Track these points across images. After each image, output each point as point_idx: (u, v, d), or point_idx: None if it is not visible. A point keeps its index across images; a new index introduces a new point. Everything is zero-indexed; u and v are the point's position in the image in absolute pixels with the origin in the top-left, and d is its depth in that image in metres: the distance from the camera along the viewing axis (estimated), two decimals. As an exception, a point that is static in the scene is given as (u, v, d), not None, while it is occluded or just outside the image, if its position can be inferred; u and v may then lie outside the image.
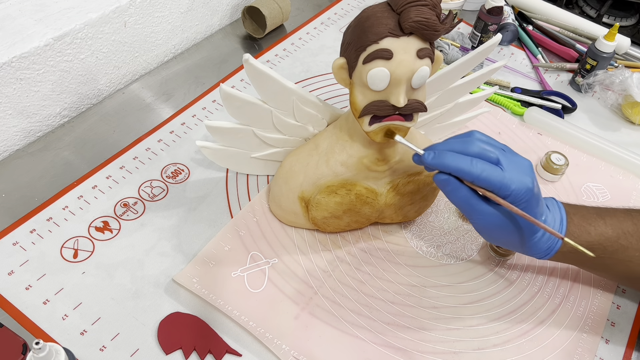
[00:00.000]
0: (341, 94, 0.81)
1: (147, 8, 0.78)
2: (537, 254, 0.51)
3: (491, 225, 0.48)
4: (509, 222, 0.48)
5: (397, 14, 0.46)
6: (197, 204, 0.65)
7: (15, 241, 0.59)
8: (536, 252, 0.51)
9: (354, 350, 0.54)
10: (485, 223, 0.48)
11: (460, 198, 0.47)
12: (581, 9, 1.28)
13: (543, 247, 0.51)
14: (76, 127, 0.74)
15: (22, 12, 0.70)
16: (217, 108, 0.77)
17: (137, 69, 0.82)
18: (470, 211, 0.48)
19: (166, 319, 0.54)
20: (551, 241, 0.51)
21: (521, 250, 0.51)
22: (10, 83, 0.65)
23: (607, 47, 0.82)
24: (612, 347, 0.57)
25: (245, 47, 0.90)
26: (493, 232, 0.49)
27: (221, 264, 0.58)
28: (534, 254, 0.51)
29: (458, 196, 0.47)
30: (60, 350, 0.43)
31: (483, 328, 0.57)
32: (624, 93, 0.83)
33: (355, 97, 0.50)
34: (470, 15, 1.02)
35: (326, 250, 0.62)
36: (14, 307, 0.54)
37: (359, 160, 0.55)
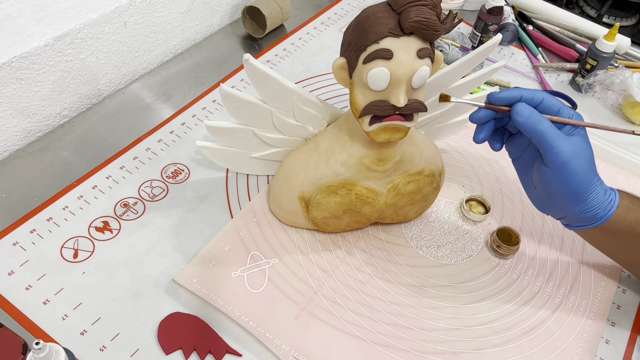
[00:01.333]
0: (341, 94, 0.81)
1: (147, 8, 0.78)
2: (593, 208, 0.50)
3: (561, 160, 0.47)
4: (581, 157, 0.48)
5: (397, 13, 0.46)
6: (197, 204, 0.65)
7: (15, 241, 0.59)
8: (593, 207, 0.50)
9: (354, 350, 0.54)
10: (557, 157, 0.47)
11: (543, 127, 0.47)
12: (581, 9, 1.28)
13: (603, 199, 0.50)
14: (76, 127, 0.74)
15: (22, 12, 0.70)
16: (217, 108, 0.77)
17: (137, 69, 0.82)
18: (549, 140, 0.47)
19: (166, 319, 0.54)
20: (611, 200, 0.51)
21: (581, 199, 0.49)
22: (10, 83, 0.65)
23: (607, 47, 0.82)
24: (612, 347, 0.57)
25: (245, 47, 0.90)
26: (563, 169, 0.48)
27: (221, 264, 0.58)
28: (592, 208, 0.50)
29: (542, 126, 0.47)
30: (60, 350, 0.43)
31: (483, 328, 0.57)
32: (624, 93, 0.83)
33: (355, 97, 0.50)
34: (470, 15, 1.02)
35: (326, 250, 0.62)
36: (14, 307, 0.54)
37: (359, 160, 0.55)
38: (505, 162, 0.74)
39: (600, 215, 0.51)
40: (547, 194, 0.50)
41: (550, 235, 0.66)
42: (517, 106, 0.47)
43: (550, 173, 0.48)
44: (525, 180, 0.54)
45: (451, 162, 0.73)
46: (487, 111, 0.50)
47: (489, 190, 0.71)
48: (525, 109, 0.47)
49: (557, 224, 0.67)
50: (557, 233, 0.67)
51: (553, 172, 0.48)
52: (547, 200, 0.52)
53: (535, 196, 0.54)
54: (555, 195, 0.50)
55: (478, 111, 0.50)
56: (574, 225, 0.53)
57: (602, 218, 0.51)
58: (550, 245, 0.65)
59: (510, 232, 0.63)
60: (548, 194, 0.50)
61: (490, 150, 0.55)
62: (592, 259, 0.64)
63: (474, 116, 0.50)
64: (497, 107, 0.49)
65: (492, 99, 0.49)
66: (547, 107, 0.48)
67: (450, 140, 0.76)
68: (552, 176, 0.48)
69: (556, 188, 0.49)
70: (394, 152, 0.56)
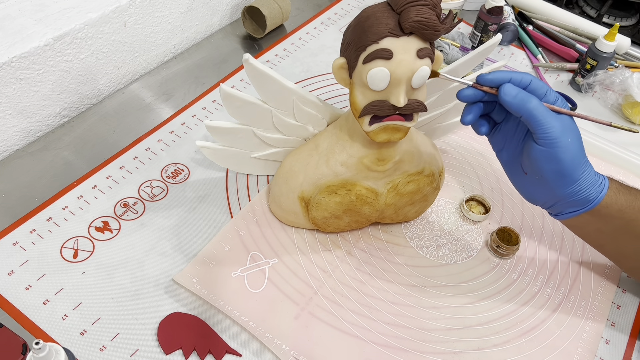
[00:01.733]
0: (341, 94, 0.81)
1: (147, 8, 0.78)
2: (585, 189, 0.50)
3: (552, 135, 0.47)
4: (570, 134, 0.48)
5: (397, 13, 0.46)
6: (197, 204, 0.65)
7: (15, 241, 0.59)
8: (585, 187, 0.50)
9: (354, 350, 0.54)
10: (549, 133, 0.47)
11: (532, 105, 0.47)
12: (581, 9, 1.28)
13: (594, 180, 0.50)
14: (76, 127, 0.74)
15: (22, 12, 0.70)
16: (217, 108, 0.77)
17: (137, 69, 0.82)
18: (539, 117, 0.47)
19: (166, 319, 0.54)
20: (602, 182, 0.51)
21: (573, 178, 0.50)
22: (10, 83, 0.65)
23: (607, 47, 0.82)
24: (612, 347, 0.57)
25: (245, 47, 0.90)
26: (555, 144, 0.48)
27: (221, 264, 0.58)
28: (584, 189, 0.50)
29: (530, 104, 0.47)
30: (60, 350, 0.43)
31: (483, 328, 0.57)
32: (624, 93, 0.83)
33: (355, 97, 0.50)
34: (470, 15, 1.02)
35: (326, 250, 0.62)
36: (14, 307, 0.54)
37: (359, 160, 0.55)
38: (505, 162, 0.74)
39: (593, 197, 0.50)
40: (539, 176, 0.50)
41: (550, 236, 0.66)
42: (505, 86, 0.47)
43: (542, 151, 0.48)
44: (513, 169, 0.54)
45: (451, 162, 0.73)
46: (474, 92, 0.50)
47: (489, 190, 0.71)
48: (512, 89, 0.47)
49: (557, 223, 0.67)
50: (557, 233, 0.67)
51: (545, 150, 0.48)
52: (538, 185, 0.51)
53: (524, 184, 0.53)
54: (548, 176, 0.49)
55: (466, 88, 0.50)
56: (565, 213, 0.53)
57: (595, 200, 0.51)
58: (550, 246, 0.65)
59: (510, 232, 0.63)
60: (540, 177, 0.50)
61: (490, 151, 0.55)
62: (592, 259, 0.64)
63: (461, 93, 0.50)
64: (484, 87, 0.49)
65: (481, 79, 0.49)
66: (534, 89, 0.48)
67: (450, 140, 0.76)
68: (544, 154, 0.48)
69: (548, 167, 0.49)
70: (393, 152, 0.56)
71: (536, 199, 0.54)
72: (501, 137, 0.53)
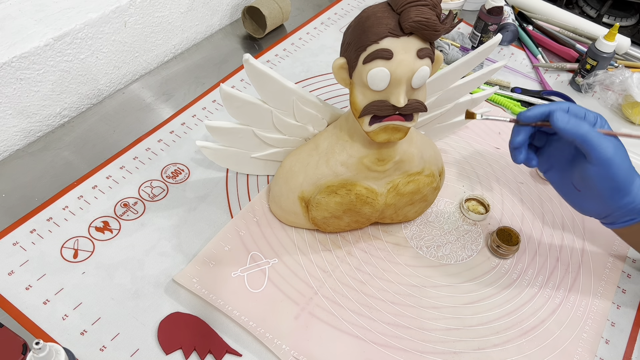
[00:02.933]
0: (341, 94, 0.81)
1: (147, 8, 0.78)
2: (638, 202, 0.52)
3: (605, 156, 0.49)
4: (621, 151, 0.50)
5: (397, 14, 0.46)
6: (197, 204, 0.65)
7: (15, 241, 0.59)
8: (638, 197, 0.52)
9: (354, 350, 0.54)
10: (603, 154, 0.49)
11: (585, 130, 0.49)
12: (581, 9, 1.28)
13: None
14: (76, 127, 0.74)
15: (22, 12, 0.70)
16: (217, 108, 0.77)
17: (137, 69, 0.82)
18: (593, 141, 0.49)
19: (166, 319, 0.54)
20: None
21: (628, 191, 0.51)
22: (10, 83, 0.65)
23: (607, 47, 0.82)
24: (612, 347, 0.57)
25: (245, 47, 0.90)
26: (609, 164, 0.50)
27: (221, 264, 0.58)
28: (637, 199, 0.52)
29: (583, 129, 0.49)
30: (60, 350, 0.43)
31: (483, 328, 0.57)
32: (624, 93, 0.83)
33: (355, 97, 0.50)
34: (470, 15, 1.02)
35: (326, 250, 0.62)
36: (14, 307, 0.54)
37: (359, 160, 0.55)
38: (505, 162, 0.74)
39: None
40: (594, 192, 0.52)
41: (550, 236, 0.66)
42: (556, 114, 0.50)
43: (597, 171, 0.50)
44: (565, 187, 0.56)
45: (451, 162, 0.73)
46: (525, 132, 0.53)
47: (489, 190, 0.71)
48: (564, 115, 0.50)
49: (557, 223, 0.67)
50: (557, 233, 0.67)
51: (599, 169, 0.50)
52: (593, 200, 0.53)
53: (578, 200, 0.55)
54: (604, 192, 0.51)
55: (517, 134, 0.53)
56: (620, 222, 0.54)
57: None
58: (550, 246, 0.65)
59: (510, 232, 0.63)
60: (595, 193, 0.52)
61: (490, 151, 0.55)
62: (592, 259, 0.64)
63: (515, 141, 0.53)
64: (537, 123, 0.52)
65: (524, 117, 0.52)
66: (574, 113, 0.51)
67: (450, 140, 0.76)
68: (598, 173, 0.50)
69: (604, 184, 0.51)
70: (394, 152, 0.56)
71: (590, 211, 0.56)
72: (546, 160, 0.56)
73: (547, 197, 0.70)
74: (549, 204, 0.70)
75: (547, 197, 0.70)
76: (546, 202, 0.70)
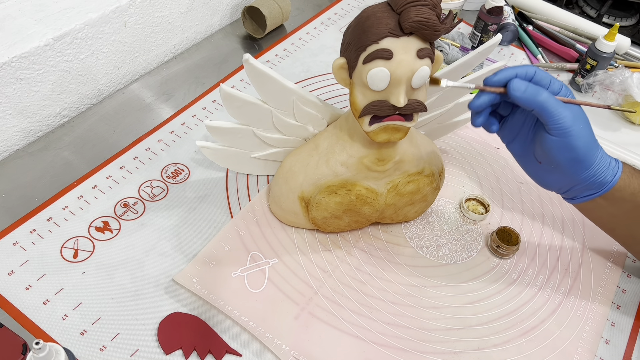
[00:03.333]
0: (341, 94, 0.81)
1: (147, 8, 0.78)
2: (600, 173, 0.51)
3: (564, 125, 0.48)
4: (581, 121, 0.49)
5: (397, 14, 0.46)
6: (197, 204, 0.65)
7: (15, 241, 0.59)
8: (600, 171, 0.51)
9: (354, 350, 0.54)
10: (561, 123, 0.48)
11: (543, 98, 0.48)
12: (581, 9, 1.28)
13: (607, 162, 0.51)
14: (76, 127, 0.74)
15: (22, 12, 0.70)
16: (217, 108, 0.77)
17: (137, 69, 0.82)
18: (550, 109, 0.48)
19: (166, 319, 0.54)
20: (615, 165, 0.52)
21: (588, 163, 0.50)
22: (10, 83, 0.65)
23: (607, 47, 0.82)
24: (612, 347, 0.57)
25: (245, 47, 0.90)
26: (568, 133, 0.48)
27: (221, 264, 0.58)
28: (598, 172, 0.51)
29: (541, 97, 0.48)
30: (60, 350, 0.43)
31: (483, 328, 0.57)
32: (624, 93, 0.83)
33: (355, 97, 0.50)
34: (470, 15, 1.02)
35: (326, 250, 0.62)
36: (14, 307, 0.54)
37: (359, 160, 0.55)
38: (505, 162, 0.74)
39: (608, 180, 0.51)
40: (555, 164, 0.51)
41: (550, 236, 0.66)
42: (513, 82, 0.48)
43: (556, 141, 0.49)
44: (526, 159, 0.54)
45: (451, 162, 0.73)
46: (487, 96, 0.50)
47: (489, 190, 0.71)
48: (521, 83, 0.48)
49: (557, 223, 0.67)
50: (557, 233, 0.67)
51: (558, 139, 0.48)
52: (554, 172, 0.52)
53: (539, 172, 0.54)
54: (563, 163, 0.50)
55: (477, 97, 0.50)
56: (580, 197, 0.53)
57: (610, 183, 0.51)
58: (550, 245, 0.65)
59: (510, 232, 0.63)
60: (555, 164, 0.51)
61: (490, 151, 0.55)
62: (592, 258, 0.64)
63: (474, 104, 0.51)
64: (493, 88, 0.49)
65: (488, 81, 0.50)
66: (539, 80, 0.49)
67: (450, 140, 0.76)
68: (557, 143, 0.49)
69: (563, 155, 0.49)
70: (393, 152, 0.56)
71: (551, 185, 0.54)
72: (510, 130, 0.54)
73: (547, 197, 0.70)
74: (549, 204, 0.70)
75: (547, 197, 0.70)
76: (546, 202, 0.70)
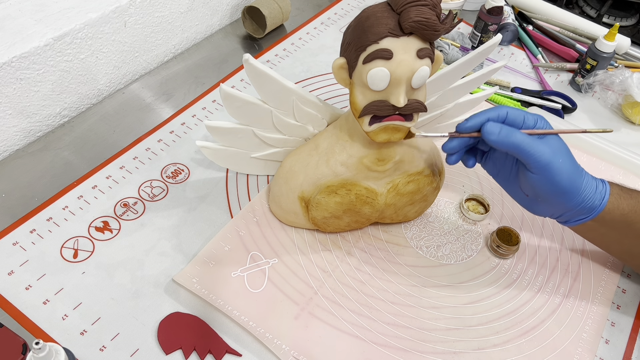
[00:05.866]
0: (341, 94, 0.81)
1: (147, 8, 0.78)
2: (588, 199, 0.51)
3: (543, 163, 0.48)
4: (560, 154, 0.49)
5: (397, 13, 0.46)
6: (197, 204, 0.65)
7: (15, 241, 0.59)
8: (587, 197, 0.51)
9: (354, 350, 0.54)
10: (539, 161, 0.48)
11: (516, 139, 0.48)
12: (581, 9, 1.28)
13: (595, 188, 0.51)
14: (76, 127, 0.74)
15: (22, 12, 0.70)
16: (217, 108, 0.77)
17: (137, 69, 0.82)
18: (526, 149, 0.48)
19: (166, 319, 0.54)
20: (603, 189, 0.52)
21: (575, 194, 0.50)
22: (10, 83, 0.65)
23: (607, 47, 0.82)
24: (612, 347, 0.57)
25: (245, 47, 0.90)
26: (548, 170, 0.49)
27: (221, 264, 0.58)
28: (586, 199, 0.51)
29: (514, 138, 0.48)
30: (60, 350, 0.43)
31: (483, 328, 0.57)
32: (624, 93, 0.83)
33: (355, 97, 0.50)
34: (470, 15, 1.02)
35: (326, 250, 0.62)
36: (14, 307, 0.54)
37: (359, 160, 0.55)
38: (505, 162, 0.74)
39: (596, 205, 0.52)
40: (541, 198, 0.51)
41: (550, 236, 0.66)
42: (486, 126, 0.48)
43: (537, 178, 0.49)
44: (514, 191, 0.55)
45: (451, 162, 0.73)
46: (459, 140, 0.51)
47: (489, 190, 0.71)
48: (494, 127, 0.48)
49: (557, 223, 0.67)
50: (557, 233, 0.67)
51: (539, 176, 0.49)
52: (542, 204, 0.53)
53: (528, 203, 0.55)
54: (549, 197, 0.51)
55: (450, 141, 0.51)
56: (573, 221, 0.54)
57: (599, 207, 0.52)
58: (550, 246, 0.65)
59: (510, 232, 0.63)
60: (542, 198, 0.51)
61: (490, 151, 0.55)
62: (592, 258, 0.64)
63: (447, 146, 0.52)
64: (467, 134, 0.50)
65: (461, 128, 0.50)
66: (512, 119, 0.49)
67: (450, 140, 0.76)
68: (539, 180, 0.49)
69: (547, 190, 0.50)
70: (393, 152, 0.56)
71: (542, 213, 0.55)
72: (493, 165, 0.55)
73: (547, 197, 0.70)
74: (549, 204, 0.70)
75: (547, 197, 0.70)
76: (546, 202, 0.70)
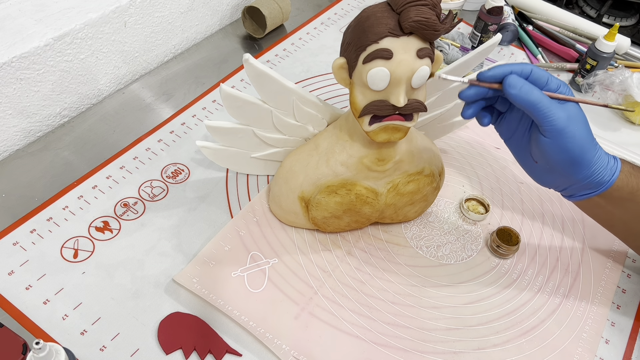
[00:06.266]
0: (341, 94, 0.81)
1: (147, 8, 0.78)
2: (598, 173, 0.50)
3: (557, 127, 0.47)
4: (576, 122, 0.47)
5: (397, 13, 0.46)
6: (197, 204, 0.65)
7: (15, 241, 0.59)
8: (597, 171, 0.50)
9: (354, 350, 0.54)
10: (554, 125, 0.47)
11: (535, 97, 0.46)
12: (581, 9, 1.28)
13: (606, 162, 0.50)
14: (76, 127, 0.74)
15: (22, 12, 0.70)
16: (217, 108, 0.77)
17: (137, 69, 0.82)
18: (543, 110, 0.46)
19: (166, 319, 0.54)
20: (614, 165, 0.51)
21: (585, 164, 0.49)
22: (10, 83, 0.65)
23: (607, 47, 0.82)
24: (612, 347, 0.57)
25: (245, 47, 0.90)
26: (561, 135, 0.47)
27: (221, 264, 0.58)
28: (596, 173, 0.50)
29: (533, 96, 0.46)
30: (60, 350, 0.43)
31: (483, 328, 0.57)
32: (624, 93, 0.83)
33: (355, 97, 0.50)
34: (470, 15, 1.02)
35: (326, 250, 0.62)
36: (14, 307, 0.54)
37: (359, 160, 0.55)
38: (505, 162, 0.74)
39: (606, 180, 0.50)
40: (550, 165, 0.50)
41: (550, 235, 0.66)
42: (509, 78, 0.47)
43: (550, 142, 0.47)
44: (524, 158, 0.53)
45: (451, 162, 0.73)
46: (477, 89, 0.49)
47: (489, 190, 0.71)
48: (517, 80, 0.46)
49: (557, 223, 0.67)
50: (557, 233, 0.67)
51: (552, 141, 0.47)
52: (550, 173, 0.51)
53: (537, 171, 0.53)
54: (559, 164, 0.49)
55: (468, 89, 0.49)
56: (578, 195, 0.53)
57: (608, 182, 0.50)
58: (550, 245, 0.65)
59: (510, 232, 0.63)
60: (551, 165, 0.50)
61: (490, 151, 0.55)
62: (592, 259, 0.64)
63: (463, 94, 0.50)
64: (487, 84, 0.48)
65: (482, 76, 0.48)
66: (536, 78, 0.48)
67: (450, 140, 0.76)
68: (551, 145, 0.48)
69: (558, 157, 0.48)
70: (393, 152, 0.56)
71: (548, 183, 0.53)
72: (507, 127, 0.53)
73: (547, 197, 0.70)
74: (549, 204, 0.70)
75: (547, 197, 0.70)
76: (546, 202, 0.70)
